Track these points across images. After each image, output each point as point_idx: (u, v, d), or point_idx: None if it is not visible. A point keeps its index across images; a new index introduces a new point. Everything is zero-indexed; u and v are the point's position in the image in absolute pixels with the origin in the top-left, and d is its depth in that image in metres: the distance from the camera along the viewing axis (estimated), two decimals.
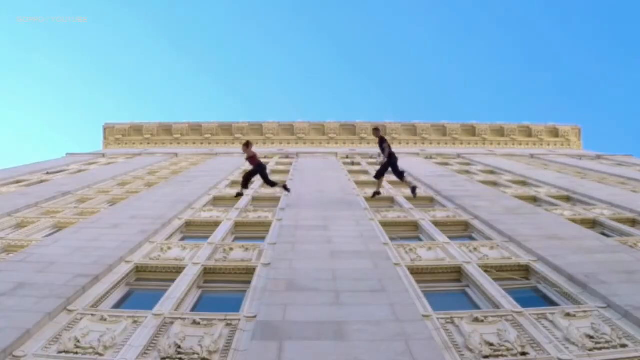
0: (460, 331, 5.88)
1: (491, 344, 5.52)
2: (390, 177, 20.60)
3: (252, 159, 13.68)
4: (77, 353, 5.39)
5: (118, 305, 7.23)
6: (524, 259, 8.81)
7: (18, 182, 19.32)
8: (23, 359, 5.26)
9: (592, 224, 12.23)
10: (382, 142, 13.70)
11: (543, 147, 37.59)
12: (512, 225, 10.96)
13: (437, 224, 11.73)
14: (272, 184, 14.06)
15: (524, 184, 19.51)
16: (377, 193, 14.34)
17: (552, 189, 17.33)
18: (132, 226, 10.95)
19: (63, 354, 5.38)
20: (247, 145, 13.61)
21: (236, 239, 11.15)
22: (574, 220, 11.95)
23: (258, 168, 13.72)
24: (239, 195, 14.04)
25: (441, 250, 9.30)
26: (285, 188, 13.95)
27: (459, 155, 30.65)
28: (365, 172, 21.89)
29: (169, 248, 9.54)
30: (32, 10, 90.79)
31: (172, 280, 7.72)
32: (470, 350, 5.45)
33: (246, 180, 14.05)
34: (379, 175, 14.16)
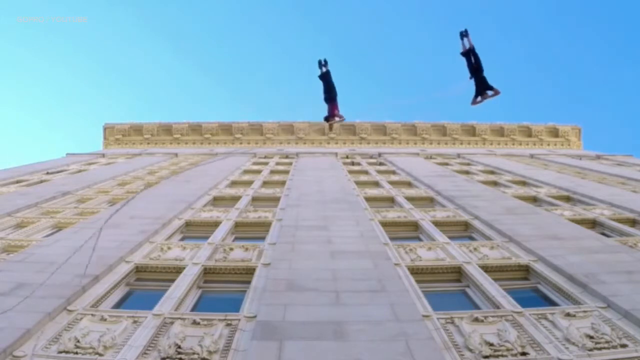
0: (460, 331, 5.88)
1: (491, 344, 5.52)
2: (390, 176, 20.60)
3: None
4: (77, 353, 5.39)
5: (118, 305, 7.24)
6: (524, 259, 8.81)
7: (18, 182, 19.32)
8: (23, 359, 5.26)
9: (592, 224, 12.23)
10: None
11: (543, 147, 37.56)
12: (512, 225, 10.96)
13: (437, 224, 11.73)
14: None
15: (524, 184, 19.49)
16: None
17: (552, 189, 17.33)
18: (132, 226, 10.95)
19: (63, 354, 5.38)
20: None
21: (236, 239, 11.15)
22: (574, 220, 11.95)
23: None
24: None
25: (441, 250, 9.30)
26: None
27: (459, 155, 30.64)
28: (366, 172, 21.89)
29: (169, 248, 9.54)
30: (32, 10, 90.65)
31: (172, 280, 7.73)
32: (470, 350, 5.45)
33: None
34: None
